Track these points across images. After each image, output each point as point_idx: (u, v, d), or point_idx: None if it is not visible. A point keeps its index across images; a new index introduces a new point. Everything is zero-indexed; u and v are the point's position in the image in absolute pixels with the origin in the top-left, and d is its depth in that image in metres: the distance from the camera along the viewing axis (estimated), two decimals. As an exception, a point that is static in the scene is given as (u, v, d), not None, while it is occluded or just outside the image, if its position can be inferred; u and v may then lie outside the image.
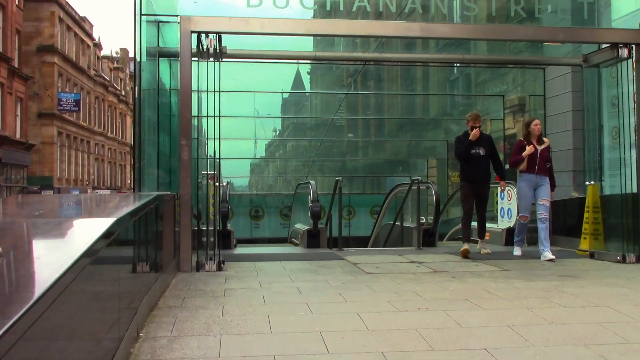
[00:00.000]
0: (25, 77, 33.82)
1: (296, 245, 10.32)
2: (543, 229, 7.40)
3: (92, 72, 48.15)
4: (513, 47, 17.04)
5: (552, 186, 7.70)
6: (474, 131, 7.62)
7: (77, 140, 44.23)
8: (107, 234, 2.74)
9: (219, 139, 6.80)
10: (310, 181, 9.52)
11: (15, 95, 32.38)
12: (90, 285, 2.66)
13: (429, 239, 9.43)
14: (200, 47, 6.89)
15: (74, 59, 42.94)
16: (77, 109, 39.78)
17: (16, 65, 32.35)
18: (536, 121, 7.81)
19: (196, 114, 6.84)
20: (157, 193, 5.66)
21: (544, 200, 7.51)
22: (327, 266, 6.89)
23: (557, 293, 5.07)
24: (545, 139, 7.82)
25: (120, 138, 57.00)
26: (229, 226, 9.42)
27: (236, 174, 32.64)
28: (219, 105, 6.77)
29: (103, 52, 52.59)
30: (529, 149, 7.55)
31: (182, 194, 6.43)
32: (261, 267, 6.89)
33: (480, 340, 3.63)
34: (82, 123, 45.11)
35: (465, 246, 7.68)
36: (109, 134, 53.05)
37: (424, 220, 9.63)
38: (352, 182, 25.24)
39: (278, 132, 39.01)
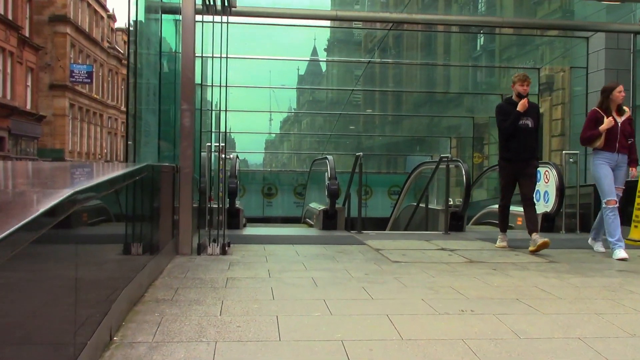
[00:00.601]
0: (36, 46, 33.11)
1: (311, 226, 9.51)
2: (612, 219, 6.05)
3: (106, 45, 47.39)
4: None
5: (634, 162, 6.34)
6: (522, 101, 6.27)
7: (90, 113, 43.65)
8: (57, 209, 1.95)
9: (226, 109, 5.97)
10: (328, 156, 8.68)
11: (26, 65, 31.72)
12: (32, 272, 1.88)
13: (456, 223, 8.58)
14: (206, 0, 6.03)
15: (87, 30, 42.17)
16: (89, 81, 39.08)
17: (27, 35, 31.63)
18: (620, 87, 6.27)
19: (201, 83, 6.01)
20: (147, 163, 4.86)
21: (618, 188, 6.18)
22: (346, 252, 6.07)
23: (625, 294, 4.21)
24: (625, 108, 6.32)
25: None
26: (237, 204, 8.62)
27: (250, 149, 31.92)
28: (226, 68, 5.92)
29: (117, 25, 51.71)
30: (607, 122, 6.09)
31: (182, 166, 5.61)
32: (271, 250, 6.09)
33: (549, 359, 2.79)
34: (95, 95, 44.48)
35: (502, 242, 6.63)
36: (122, 107, 52.41)
37: (452, 203, 8.75)
38: (369, 160, 24.43)
39: (293, 108, 38.18)
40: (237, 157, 8.78)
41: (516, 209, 9.98)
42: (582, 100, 13.21)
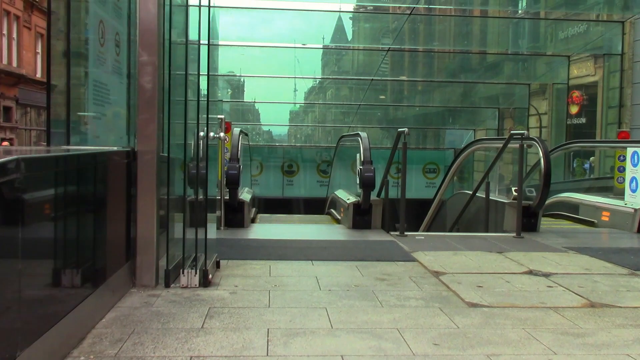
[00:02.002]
0: (44, 10, 31.28)
1: (337, 221, 7.50)
2: None
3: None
4: None
5: None
6: None
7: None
8: None
9: (208, 74, 3.95)
10: (361, 133, 6.59)
11: (35, 30, 29.95)
12: None
13: (529, 220, 6.50)
14: None
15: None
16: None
17: (36, -2, 29.79)
18: None
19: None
20: (76, 149, 2.99)
21: None
22: (390, 279, 4.06)
23: None
24: None
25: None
26: (243, 193, 6.64)
27: (275, 121, 29.85)
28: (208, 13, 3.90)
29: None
30: None
31: (141, 151, 3.63)
32: (280, 275, 4.11)
33: None
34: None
35: None
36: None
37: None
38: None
39: (318, 81, 35.99)
40: (241, 133, 6.74)
41: (598, 200, 7.85)
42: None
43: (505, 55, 17.10)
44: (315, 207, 13.95)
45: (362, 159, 6.25)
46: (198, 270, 3.70)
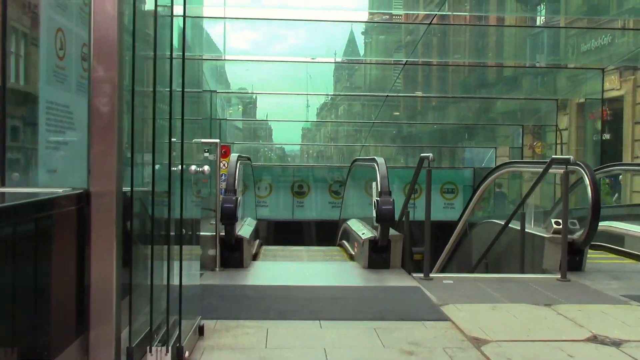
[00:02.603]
0: (54, 28, 30.89)
1: (351, 257, 6.62)
2: None
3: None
4: None
5: None
6: None
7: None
8: None
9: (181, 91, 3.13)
10: (377, 159, 5.72)
11: (43, 48, 29.44)
12: None
13: (572, 257, 5.60)
14: None
15: None
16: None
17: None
18: None
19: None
20: None
21: None
22: (418, 348, 3.18)
23: None
24: None
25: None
26: (240, 229, 5.78)
27: (287, 139, 29.03)
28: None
29: None
30: None
31: (95, 193, 2.80)
32: (278, 344, 3.25)
33: None
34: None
35: None
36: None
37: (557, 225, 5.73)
38: (416, 152, 21.37)
39: (331, 94, 35.39)
40: (240, 158, 5.89)
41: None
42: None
43: (524, 68, 16.15)
44: (326, 230, 12.78)
45: (379, 189, 5.38)
46: (170, 347, 2.85)
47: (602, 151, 13.54)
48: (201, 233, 5.40)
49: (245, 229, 5.92)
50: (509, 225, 6.74)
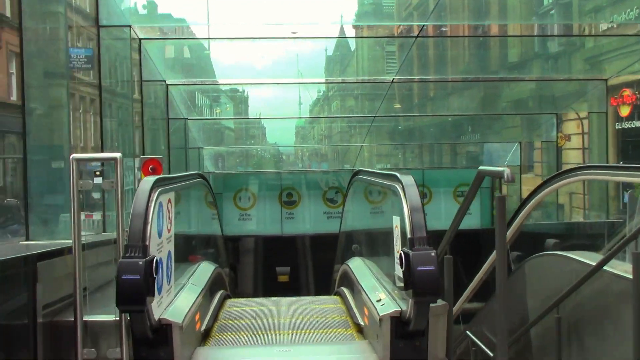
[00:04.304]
0: (17, 27, 28.37)
1: (358, 328, 4.18)
2: None
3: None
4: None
5: None
6: None
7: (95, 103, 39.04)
8: None
9: None
10: (402, 176, 3.15)
11: (7, 49, 27.02)
12: None
13: None
14: None
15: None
16: (89, 66, 34.34)
17: (6, 13, 26.89)
18: None
19: None
20: None
21: None
22: None
23: None
24: None
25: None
26: (171, 305, 3.35)
27: (281, 138, 26.67)
28: None
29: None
30: None
31: None
32: None
33: None
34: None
35: None
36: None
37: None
38: (424, 151, 18.94)
39: (323, 92, 33.51)
40: (161, 185, 3.34)
41: None
42: None
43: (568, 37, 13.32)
44: (322, 247, 10.77)
45: (409, 232, 2.97)
46: None
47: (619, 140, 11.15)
48: (95, 317, 3.04)
49: (182, 299, 3.52)
50: (579, 259, 4.36)
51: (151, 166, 4.50)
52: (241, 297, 10.52)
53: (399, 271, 3.22)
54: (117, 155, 3.06)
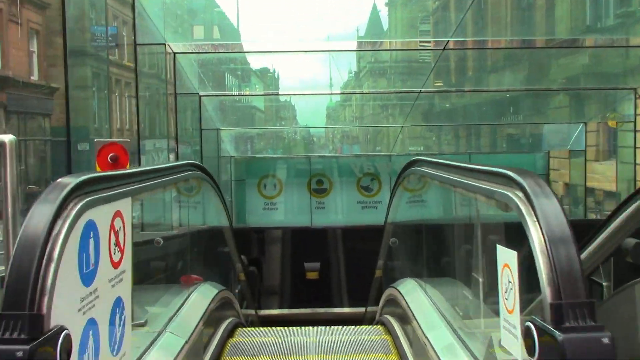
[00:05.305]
0: (39, 3, 27.47)
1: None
2: None
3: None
4: None
5: None
6: None
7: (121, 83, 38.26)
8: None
9: None
10: (526, 178, 1.81)
11: (28, 26, 26.18)
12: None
13: None
14: None
15: (111, -13, 36.49)
16: (114, 44, 33.45)
17: (27, -12, 26.03)
18: None
19: None
20: None
21: None
22: None
23: None
24: None
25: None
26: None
27: (311, 119, 25.44)
28: None
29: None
30: None
31: None
32: None
33: None
34: (128, 63, 39.03)
35: None
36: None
37: None
38: (468, 133, 17.28)
39: (354, 72, 32.34)
40: (87, 204, 1.90)
41: None
42: None
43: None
44: (357, 242, 10.02)
45: (549, 292, 1.49)
46: None
47: None
48: None
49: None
50: None
51: (111, 154, 3.00)
52: (261, 311, 9.21)
53: (509, 342, 1.78)
54: (6, 138, 1.68)
